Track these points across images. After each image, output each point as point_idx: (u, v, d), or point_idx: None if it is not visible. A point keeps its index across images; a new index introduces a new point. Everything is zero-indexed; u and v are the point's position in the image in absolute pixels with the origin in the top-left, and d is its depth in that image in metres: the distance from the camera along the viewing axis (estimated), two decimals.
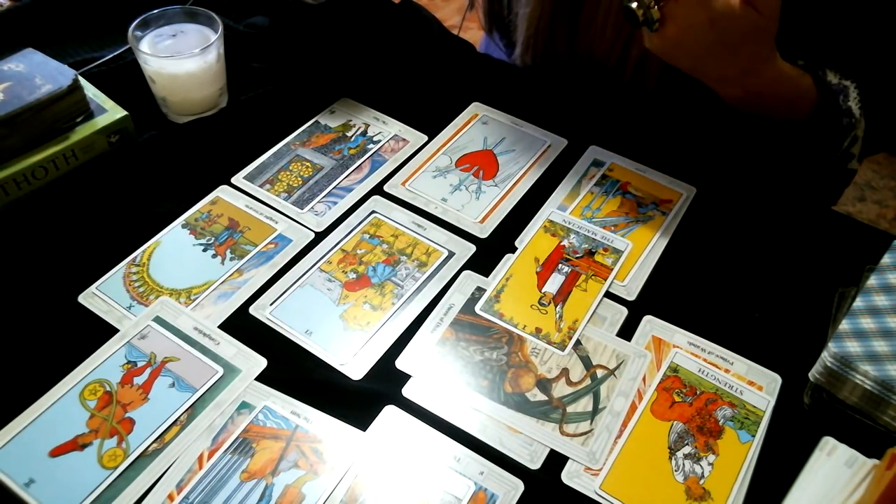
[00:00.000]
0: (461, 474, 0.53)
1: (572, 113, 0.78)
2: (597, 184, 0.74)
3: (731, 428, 0.56)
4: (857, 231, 0.73)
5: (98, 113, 0.72)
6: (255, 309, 0.62)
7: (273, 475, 0.52)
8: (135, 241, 0.67)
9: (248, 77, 0.81)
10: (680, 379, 0.59)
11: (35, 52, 0.72)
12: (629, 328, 0.63)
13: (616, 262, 0.67)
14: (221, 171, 0.73)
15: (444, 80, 0.84)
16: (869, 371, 0.54)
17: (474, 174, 0.75)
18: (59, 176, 0.70)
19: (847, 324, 0.57)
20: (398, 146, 0.77)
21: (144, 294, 0.63)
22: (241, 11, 0.88)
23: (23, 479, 0.51)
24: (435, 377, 0.58)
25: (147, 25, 0.75)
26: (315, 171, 0.74)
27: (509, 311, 0.63)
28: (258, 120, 0.78)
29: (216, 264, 0.65)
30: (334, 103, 0.81)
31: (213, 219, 0.69)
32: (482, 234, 0.69)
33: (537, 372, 0.59)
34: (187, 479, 0.52)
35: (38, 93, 0.67)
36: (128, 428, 0.54)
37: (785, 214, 0.73)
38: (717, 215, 0.72)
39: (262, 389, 0.57)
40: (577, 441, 0.55)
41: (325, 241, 0.68)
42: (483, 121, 0.80)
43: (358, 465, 0.53)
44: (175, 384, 0.57)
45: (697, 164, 0.77)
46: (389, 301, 0.63)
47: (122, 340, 0.59)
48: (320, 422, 0.55)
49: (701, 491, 0.53)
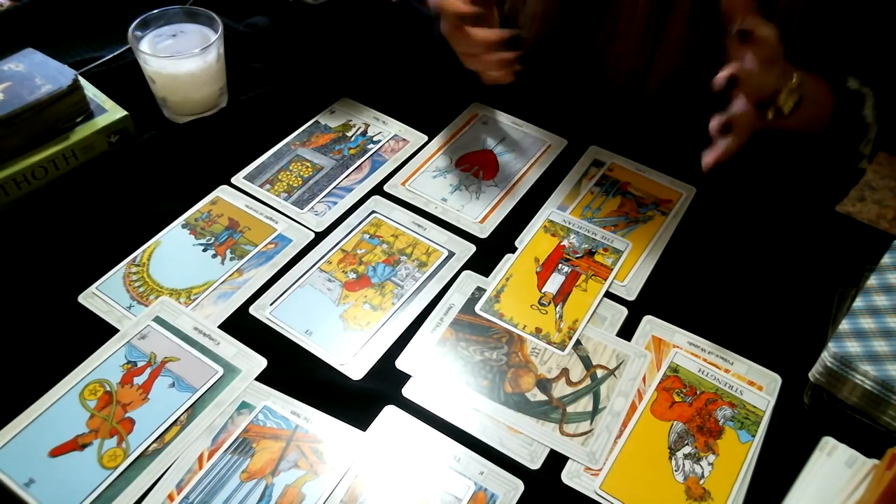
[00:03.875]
0: (461, 474, 0.53)
1: (572, 113, 0.78)
2: (597, 184, 0.74)
3: (731, 428, 0.56)
4: (857, 231, 0.73)
5: (98, 113, 0.72)
6: (255, 309, 0.62)
7: (273, 475, 0.52)
8: (135, 241, 0.67)
9: (248, 77, 0.81)
10: (680, 379, 0.59)
11: (35, 52, 0.72)
12: (629, 328, 0.63)
13: (616, 262, 0.67)
14: (221, 171, 0.73)
15: (444, 80, 0.84)
16: (869, 371, 0.54)
17: (474, 174, 0.75)
18: (59, 176, 0.70)
19: (847, 324, 0.57)
20: (398, 146, 0.77)
21: (144, 294, 0.63)
22: (241, 11, 0.88)
23: (23, 479, 0.51)
24: (435, 377, 0.58)
25: (147, 25, 0.75)
26: (315, 171, 0.74)
27: (509, 311, 0.63)
28: (258, 120, 0.78)
29: (216, 264, 0.65)
30: (334, 103, 0.81)
31: (213, 219, 0.69)
32: (482, 234, 0.69)
33: (537, 372, 0.59)
34: (187, 479, 0.52)
35: (38, 93, 0.68)
36: (128, 428, 0.54)
37: (787, 214, 0.73)
38: (717, 215, 0.72)
39: (262, 389, 0.57)
40: (577, 441, 0.55)
41: (325, 241, 0.68)
42: (483, 121, 0.80)
43: (358, 465, 0.53)
44: (175, 384, 0.57)
45: (697, 164, 0.76)
46: (389, 301, 0.63)
47: (122, 340, 0.59)
48: (320, 422, 0.55)
49: (701, 491, 0.53)
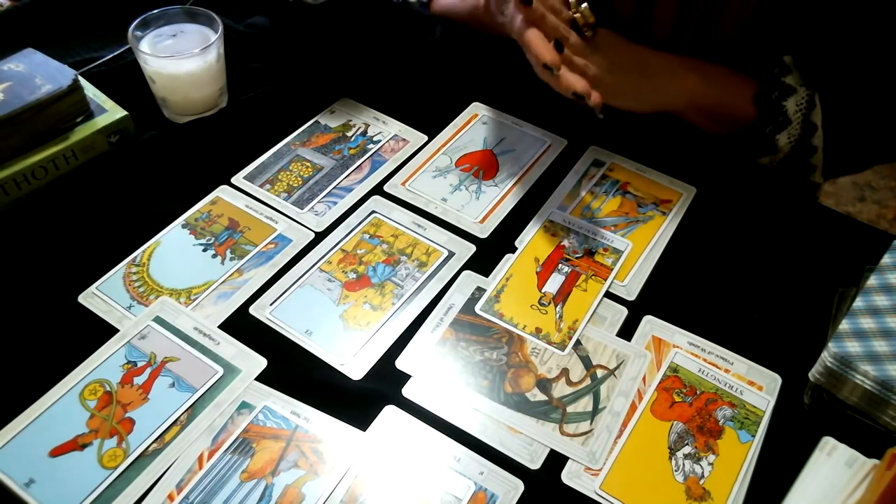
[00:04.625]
0: (461, 474, 0.53)
1: (572, 113, 0.78)
2: (597, 184, 0.74)
3: (731, 428, 0.56)
4: (857, 231, 0.73)
5: (98, 113, 0.72)
6: (255, 309, 0.62)
7: (273, 475, 0.52)
8: (135, 241, 0.67)
9: (248, 77, 0.81)
10: (680, 379, 0.59)
11: (35, 52, 0.72)
12: (629, 328, 0.63)
13: (616, 262, 0.67)
14: (221, 171, 0.73)
15: (444, 80, 0.84)
16: (869, 371, 0.54)
17: (474, 174, 0.75)
18: (59, 176, 0.70)
19: (847, 324, 0.57)
20: (398, 146, 0.77)
21: (144, 294, 0.63)
22: (241, 11, 0.88)
23: (23, 479, 0.51)
24: (435, 377, 0.58)
25: (147, 25, 0.75)
26: (315, 171, 0.74)
27: (509, 311, 0.63)
28: (258, 120, 0.78)
29: (216, 264, 0.65)
30: (334, 103, 0.81)
31: (213, 219, 0.69)
32: (482, 234, 0.69)
33: (537, 372, 0.59)
34: (187, 479, 0.52)
35: (38, 93, 0.68)
36: (128, 428, 0.54)
37: (783, 214, 0.73)
38: (717, 215, 0.72)
39: (262, 389, 0.57)
40: (577, 441, 0.55)
41: (325, 241, 0.68)
42: (483, 121, 0.80)
43: (358, 465, 0.53)
44: (175, 384, 0.57)
45: (697, 164, 0.77)
46: (389, 301, 0.63)
47: (122, 340, 0.59)
48: (320, 422, 0.55)
49: (701, 491, 0.53)
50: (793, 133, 0.71)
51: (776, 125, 0.71)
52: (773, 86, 0.71)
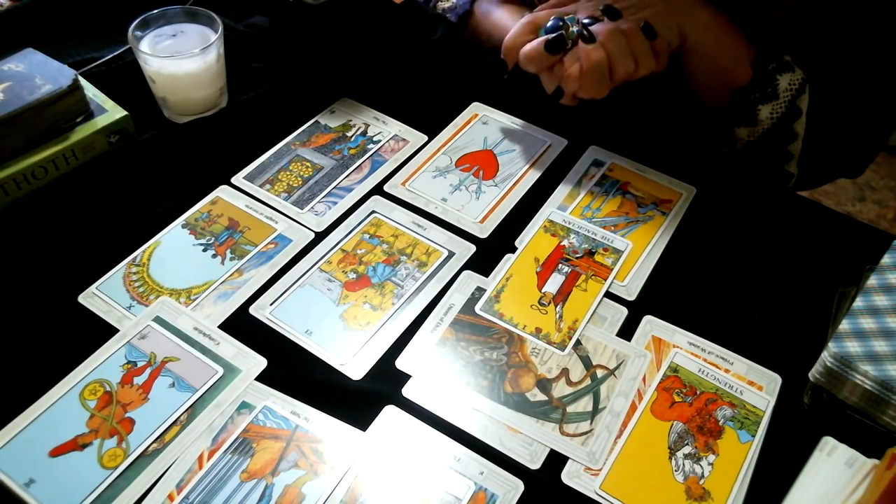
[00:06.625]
0: (461, 474, 0.53)
1: (572, 113, 0.78)
2: (597, 184, 0.74)
3: (731, 428, 0.56)
4: (857, 231, 0.73)
5: (98, 113, 0.72)
6: (255, 309, 0.62)
7: (273, 475, 0.52)
8: (135, 241, 0.67)
9: (248, 77, 0.81)
10: (680, 379, 0.59)
11: (35, 52, 0.72)
12: (629, 328, 0.63)
13: (616, 262, 0.67)
14: (221, 171, 0.73)
15: (444, 80, 0.84)
16: (869, 371, 0.54)
17: (474, 174, 0.75)
18: (59, 176, 0.70)
19: (847, 324, 0.57)
20: (398, 146, 0.77)
21: (144, 294, 0.63)
22: (241, 11, 0.88)
23: (23, 479, 0.51)
24: (435, 377, 0.58)
25: (147, 25, 0.75)
26: (315, 171, 0.74)
27: (509, 311, 0.63)
28: (258, 120, 0.78)
29: (216, 264, 0.65)
30: (334, 103, 0.81)
31: (213, 219, 0.69)
32: (482, 234, 0.69)
33: (537, 372, 0.59)
34: (187, 479, 0.52)
35: (38, 93, 0.68)
36: (128, 428, 0.54)
37: (783, 214, 0.73)
38: (717, 215, 0.72)
39: (262, 389, 0.57)
40: (577, 441, 0.55)
41: (325, 241, 0.68)
42: (483, 121, 0.80)
43: (358, 465, 0.53)
44: (175, 384, 0.57)
45: (697, 164, 0.77)
46: (389, 301, 0.63)
47: (122, 340, 0.59)
48: (320, 422, 0.55)
49: (701, 491, 0.53)
50: (776, 109, 0.71)
51: (763, 95, 0.71)
52: (773, 57, 0.71)
